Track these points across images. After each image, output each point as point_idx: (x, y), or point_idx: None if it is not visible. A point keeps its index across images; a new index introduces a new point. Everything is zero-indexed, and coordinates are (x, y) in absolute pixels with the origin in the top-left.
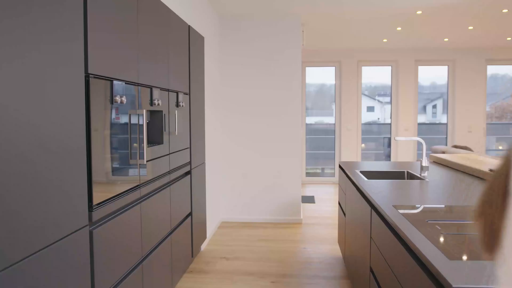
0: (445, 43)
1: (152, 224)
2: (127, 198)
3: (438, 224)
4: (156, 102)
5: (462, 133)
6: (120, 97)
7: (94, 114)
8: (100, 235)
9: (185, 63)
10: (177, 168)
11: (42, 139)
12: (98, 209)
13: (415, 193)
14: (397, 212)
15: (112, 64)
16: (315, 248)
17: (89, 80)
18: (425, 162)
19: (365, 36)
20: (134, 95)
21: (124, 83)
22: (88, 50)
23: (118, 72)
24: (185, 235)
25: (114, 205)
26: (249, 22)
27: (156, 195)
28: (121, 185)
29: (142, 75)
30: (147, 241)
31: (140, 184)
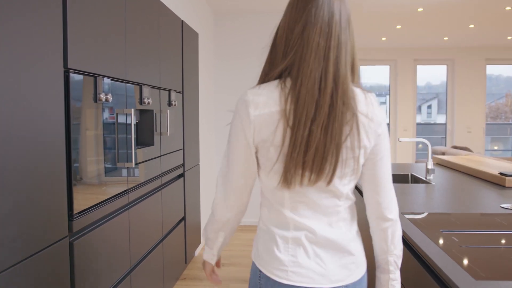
0: (444, 42)
1: (142, 231)
2: (114, 205)
3: (454, 235)
4: (146, 100)
5: (461, 133)
6: (105, 95)
7: (75, 113)
8: (81, 247)
9: (178, 60)
10: (169, 171)
11: (14, 140)
12: (79, 218)
13: (423, 198)
14: (408, 221)
15: (96, 59)
16: None
17: (68, 76)
18: (431, 164)
19: (364, 35)
20: (122, 93)
21: (110, 79)
22: (67, 43)
23: (103, 67)
24: (178, 241)
25: (99, 212)
26: (246, 19)
27: (146, 200)
28: (107, 190)
29: (130, 72)
30: (136, 250)
31: (128, 189)
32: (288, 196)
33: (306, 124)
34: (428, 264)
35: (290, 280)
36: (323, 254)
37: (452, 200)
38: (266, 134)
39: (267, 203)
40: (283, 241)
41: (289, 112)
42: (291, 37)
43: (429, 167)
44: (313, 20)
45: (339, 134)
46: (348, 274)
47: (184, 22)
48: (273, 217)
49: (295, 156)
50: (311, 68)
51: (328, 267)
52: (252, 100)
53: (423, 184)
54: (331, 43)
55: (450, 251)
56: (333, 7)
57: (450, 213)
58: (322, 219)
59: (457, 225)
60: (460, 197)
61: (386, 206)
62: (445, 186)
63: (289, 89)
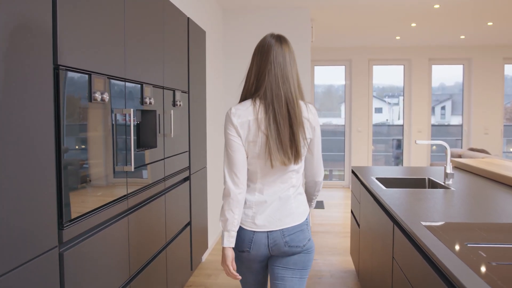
0: (461, 41)
1: (143, 238)
2: (111, 211)
3: (481, 249)
4: (147, 100)
5: (478, 135)
6: (101, 94)
7: (67, 113)
8: (73, 257)
9: (183, 58)
10: (173, 174)
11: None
12: (70, 226)
13: (443, 205)
14: (428, 232)
15: (90, 55)
16: (325, 260)
17: (58, 73)
18: (450, 168)
19: (377, 33)
20: (120, 92)
21: (107, 77)
22: (57, 36)
23: (98, 65)
24: (183, 247)
25: (93, 220)
26: (255, 17)
27: (148, 205)
28: (103, 196)
29: (130, 70)
30: (136, 258)
31: (127, 194)
32: (260, 175)
33: (273, 128)
34: (454, 285)
35: (248, 225)
36: (270, 211)
37: (475, 207)
38: (245, 134)
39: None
40: (248, 203)
41: (260, 120)
42: (260, 73)
43: (448, 171)
44: (274, 63)
45: (295, 132)
46: (285, 222)
47: (190, 20)
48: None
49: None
50: (274, 92)
51: (271, 218)
52: (234, 113)
53: (441, 190)
54: (284, 76)
55: (478, 269)
56: (285, 54)
57: (474, 222)
58: (281, 186)
59: (483, 237)
60: (483, 204)
61: (316, 172)
62: (466, 192)
63: (258, 105)
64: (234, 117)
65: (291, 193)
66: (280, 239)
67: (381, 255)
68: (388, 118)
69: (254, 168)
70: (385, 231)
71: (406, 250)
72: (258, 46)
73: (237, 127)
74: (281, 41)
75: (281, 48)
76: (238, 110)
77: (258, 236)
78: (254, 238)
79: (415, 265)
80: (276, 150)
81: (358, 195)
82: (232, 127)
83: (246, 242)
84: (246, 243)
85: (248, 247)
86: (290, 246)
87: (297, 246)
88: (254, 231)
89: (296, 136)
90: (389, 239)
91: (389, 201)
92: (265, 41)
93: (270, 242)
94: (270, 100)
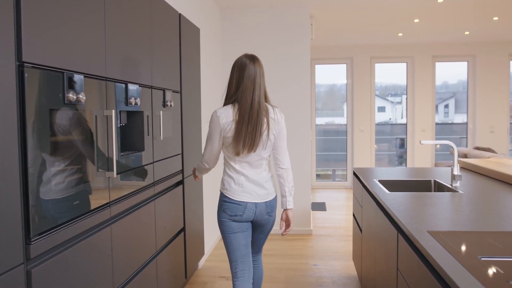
0: (465, 37)
1: (128, 248)
2: (90, 221)
3: (497, 264)
4: (133, 101)
5: (483, 133)
6: (76, 94)
7: (36, 115)
8: (43, 275)
9: (174, 56)
10: (164, 179)
11: None
12: (40, 240)
13: (450, 211)
14: (436, 243)
15: (64, 51)
16: (327, 265)
17: (23, 71)
18: (457, 170)
19: (379, 30)
20: (101, 92)
21: (83, 76)
22: (22, 29)
23: (74, 62)
24: (176, 254)
25: (69, 231)
26: (253, 15)
27: (135, 213)
28: (81, 205)
29: (112, 68)
30: (121, 270)
31: (110, 202)
32: (237, 159)
33: (244, 125)
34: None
35: (240, 198)
36: (253, 186)
37: (486, 213)
38: (227, 130)
39: (227, 163)
40: (235, 180)
41: (235, 120)
42: (237, 84)
43: (455, 172)
44: (247, 76)
45: (260, 129)
46: (268, 196)
47: (182, 16)
48: (230, 169)
49: (240, 141)
50: (246, 98)
51: (259, 193)
52: (220, 114)
53: (448, 193)
54: (255, 86)
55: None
56: (256, 69)
57: (486, 231)
58: (253, 170)
59: (498, 249)
60: (495, 210)
61: (281, 159)
62: (475, 196)
63: (237, 109)
64: (221, 119)
65: (265, 174)
66: (264, 209)
67: (384, 264)
68: (391, 117)
69: (233, 155)
70: (388, 239)
71: (412, 262)
72: (236, 64)
73: (221, 126)
74: (254, 60)
75: (253, 66)
76: (222, 113)
77: (250, 205)
78: (247, 207)
79: (423, 280)
80: (236, 143)
81: (360, 198)
82: (218, 126)
83: (239, 209)
84: (240, 210)
85: (241, 212)
86: (269, 215)
87: (271, 215)
88: (246, 202)
89: (254, 132)
90: (393, 248)
91: (393, 207)
92: (241, 60)
93: (257, 210)
94: (244, 104)
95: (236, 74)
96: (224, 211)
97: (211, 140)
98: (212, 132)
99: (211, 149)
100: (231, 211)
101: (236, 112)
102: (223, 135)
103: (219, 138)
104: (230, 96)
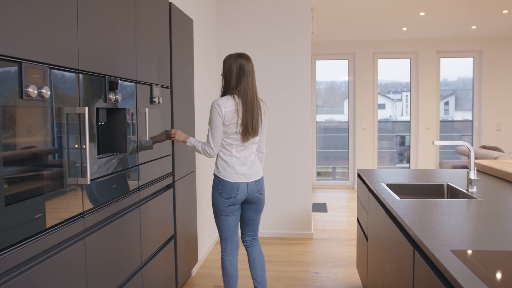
0: (472, 31)
1: (107, 263)
2: (58, 235)
3: None
4: (113, 97)
5: (489, 132)
6: (38, 89)
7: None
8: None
9: (164, 49)
10: (152, 182)
11: None
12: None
13: (473, 223)
14: (464, 266)
15: (22, 38)
16: (328, 273)
17: None
18: (474, 174)
19: (383, 24)
20: (72, 86)
21: (48, 67)
22: None
23: (36, 51)
24: (166, 264)
25: (29, 250)
26: (251, 6)
27: (115, 223)
28: (47, 217)
29: (86, 59)
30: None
31: (83, 212)
32: (235, 144)
33: (248, 116)
34: None
35: (234, 180)
36: (244, 168)
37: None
38: (228, 119)
39: (224, 150)
40: (228, 164)
41: (239, 110)
42: (238, 79)
43: (472, 176)
44: (247, 72)
45: (258, 118)
46: (256, 176)
47: (173, 5)
48: (226, 154)
49: (249, 127)
50: (249, 91)
51: (250, 173)
52: (221, 104)
53: (465, 200)
54: (254, 81)
55: None
56: (250, 67)
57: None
58: (245, 153)
59: None
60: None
61: (262, 146)
62: (497, 203)
63: (238, 99)
64: (222, 107)
65: (254, 157)
66: (254, 187)
67: (397, 282)
68: (391, 114)
69: (231, 141)
70: (402, 255)
71: (433, 285)
72: (233, 61)
73: (223, 115)
74: (247, 58)
75: (249, 63)
76: (224, 103)
77: (242, 185)
78: (240, 187)
79: None
80: (246, 129)
81: (366, 203)
82: (220, 114)
83: (234, 190)
84: (234, 191)
85: (235, 193)
86: (260, 193)
87: (261, 193)
88: (239, 183)
89: (257, 120)
90: (408, 265)
91: (406, 218)
92: (238, 58)
93: (248, 189)
94: (246, 97)
95: (237, 70)
96: (220, 194)
97: (215, 127)
98: (215, 120)
99: (217, 135)
100: (226, 194)
101: (238, 102)
102: (224, 123)
103: (221, 125)
104: (232, 89)
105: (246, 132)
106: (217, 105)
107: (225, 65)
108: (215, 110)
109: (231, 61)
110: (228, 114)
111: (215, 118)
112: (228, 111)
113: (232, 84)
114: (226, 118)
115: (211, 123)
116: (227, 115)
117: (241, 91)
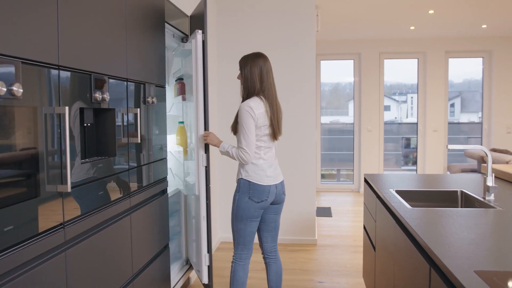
0: (482, 31)
1: (92, 277)
2: (35, 248)
3: None
4: (99, 96)
5: (499, 134)
6: (8, 86)
7: None
8: None
9: (158, 46)
10: (145, 188)
11: None
12: None
13: (496, 238)
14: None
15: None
16: (333, 283)
17: None
18: (491, 180)
19: (390, 23)
20: (52, 84)
21: (21, 62)
22: None
23: (6, 43)
24: (160, 274)
25: (3, 264)
26: (253, 5)
27: (102, 233)
28: (20, 229)
29: (68, 54)
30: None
31: (64, 222)
32: (263, 147)
33: (275, 115)
34: None
35: (264, 182)
36: (271, 170)
37: None
38: (261, 121)
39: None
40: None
41: (268, 111)
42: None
43: (489, 183)
44: (269, 73)
45: (281, 117)
46: (280, 177)
47: (167, 0)
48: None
49: (277, 127)
50: (272, 91)
51: (275, 174)
52: (253, 106)
53: (483, 210)
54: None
55: None
56: (269, 66)
57: None
58: (270, 154)
59: None
60: None
61: None
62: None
63: (265, 101)
64: (254, 110)
65: (275, 158)
66: (280, 188)
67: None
68: (396, 116)
69: (260, 144)
70: (415, 270)
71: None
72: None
73: (257, 118)
74: (265, 58)
75: (267, 63)
76: (255, 105)
77: (272, 187)
78: (270, 189)
79: None
80: (275, 130)
81: (373, 210)
82: (252, 119)
83: (265, 193)
84: (265, 194)
85: (266, 196)
86: (284, 194)
87: (285, 194)
88: (269, 185)
89: (281, 119)
90: (423, 283)
91: (421, 230)
92: (258, 59)
93: (276, 191)
94: (271, 98)
95: (257, 71)
96: (250, 198)
97: (250, 131)
98: (248, 124)
99: (252, 139)
100: (257, 197)
101: (265, 103)
102: (256, 125)
103: (254, 129)
104: (257, 91)
105: (276, 133)
106: (249, 107)
107: (244, 67)
108: (247, 114)
109: (249, 63)
110: (261, 117)
111: (248, 121)
112: (260, 113)
113: (257, 86)
114: (259, 121)
115: (244, 127)
116: (260, 117)
117: (265, 91)
